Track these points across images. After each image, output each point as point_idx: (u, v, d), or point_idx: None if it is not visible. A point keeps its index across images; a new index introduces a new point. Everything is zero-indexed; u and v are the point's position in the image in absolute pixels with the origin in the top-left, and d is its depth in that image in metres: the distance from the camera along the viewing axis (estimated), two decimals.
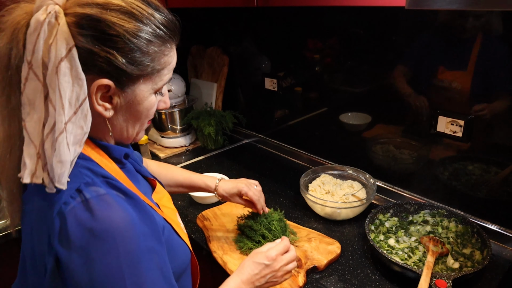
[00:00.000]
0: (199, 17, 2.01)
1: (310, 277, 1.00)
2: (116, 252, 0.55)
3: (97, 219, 0.54)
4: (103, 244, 0.54)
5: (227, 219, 1.24)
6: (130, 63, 0.58)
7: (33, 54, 0.54)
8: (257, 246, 1.06)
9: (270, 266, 0.81)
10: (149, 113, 0.68)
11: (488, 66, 1.01)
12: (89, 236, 0.54)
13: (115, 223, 0.55)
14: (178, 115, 1.83)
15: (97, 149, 0.65)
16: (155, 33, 0.61)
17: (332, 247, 1.08)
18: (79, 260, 0.54)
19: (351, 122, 1.43)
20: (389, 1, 0.88)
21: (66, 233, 0.54)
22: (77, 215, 0.54)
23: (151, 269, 0.59)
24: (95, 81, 0.57)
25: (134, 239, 0.57)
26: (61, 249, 0.54)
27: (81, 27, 0.55)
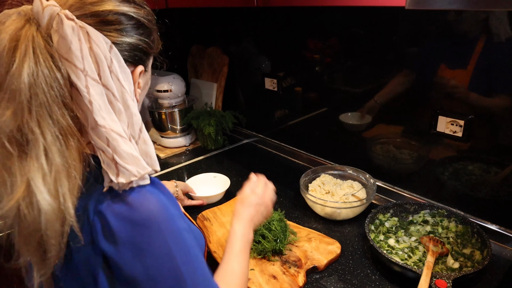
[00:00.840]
0: (199, 17, 2.01)
1: (310, 277, 1.00)
2: (161, 235, 0.56)
3: (135, 209, 0.55)
4: (147, 231, 0.55)
5: (227, 219, 1.24)
6: (150, 45, 0.64)
7: (84, 60, 0.53)
8: (256, 246, 1.06)
9: (262, 203, 0.92)
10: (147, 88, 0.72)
11: (489, 66, 1.01)
12: (132, 227, 0.55)
13: (152, 209, 0.56)
14: (178, 115, 1.83)
15: None
16: (151, 14, 0.66)
17: (332, 247, 1.08)
18: (128, 253, 0.55)
19: (351, 122, 1.43)
20: (389, 1, 0.88)
21: (110, 229, 0.54)
22: (115, 210, 0.55)
23: (194, 246, 0.62)
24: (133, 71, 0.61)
25: (171, 220, 0.58)
26: (107, 246, 0.55)
27: (109, 23, 0.57)
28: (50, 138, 0.52)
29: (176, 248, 0.58)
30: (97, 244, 0.55)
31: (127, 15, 0.58)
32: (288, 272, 0.99)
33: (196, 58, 2.11)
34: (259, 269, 1.01)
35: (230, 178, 1.55)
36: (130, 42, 0.59)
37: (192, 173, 1.62)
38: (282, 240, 1.06)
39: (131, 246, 0.55)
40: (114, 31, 0.57)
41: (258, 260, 1.04)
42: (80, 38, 0.53)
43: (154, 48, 0.66)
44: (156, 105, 1.87)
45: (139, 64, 0.63)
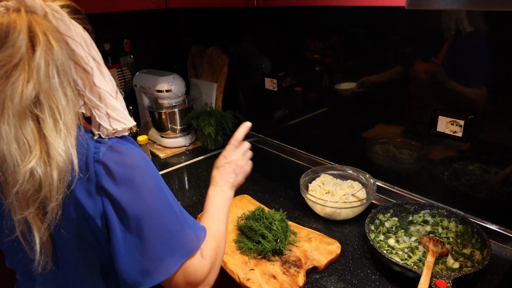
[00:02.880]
0: (199, 17, 2.01)
1: (310, 277, 1.00)
2: (150, 174, 0.68)
3: (126, 154, 0.66)
4: (139, 170, 0.67)
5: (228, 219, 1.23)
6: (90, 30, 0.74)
7: (85, 43, 0.67)
8: (257, 246, 1.06)
9: (231, 162, 0.95)
10: None
11: (491, 65, 1.01)
12: (127, 168, 0.65)
13: (138, 154, 0.68)
14: (178, 115, 1.83)
15: None
16: None
17: (332, 247, 1.08)
18: (128, 192, 0.65)
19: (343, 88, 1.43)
20: (389, 1, 0.88)
21: (111, 173, 0.64)
22: (111, 157, 0.65)
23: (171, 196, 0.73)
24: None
25: (152, 165, 0.71)
26: (111, 186, 0.64)
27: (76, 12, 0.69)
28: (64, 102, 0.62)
29: (163, 185, 0.71)
30: (103, 187, 0.64)
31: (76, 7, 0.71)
32: (288, 272, 0.99)
33: (196, 58, 2.11)
34: (259, 269, 1.01)
35: None
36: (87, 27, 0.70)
37: (192, 173, 1.62)
38: (283, 240, 1.06)
39: (130, 184, 0.65)
40: (80, 19, 0.69)
41: (258, 260, 1.04)
42: (70, 21, 0.65)
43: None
44: (156, 105, 1.87)
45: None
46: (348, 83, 1.39)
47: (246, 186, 1.47)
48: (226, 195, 0.92)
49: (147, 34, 2.12)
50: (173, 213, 0.70)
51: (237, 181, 0.96)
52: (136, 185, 0.65)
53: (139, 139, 1.64)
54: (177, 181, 1.57)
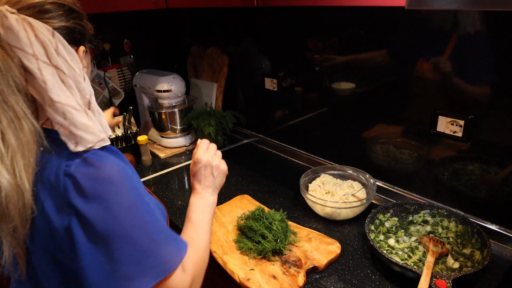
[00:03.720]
0: (199, 17, 2.01)
1: (310, 277, 1.00)
2: (125, 189, 0.64)
3: (100, 169, 0.62)
4: (112, 186, 0.62)
5: (227, 219, 1.24)
6: (86, 25, 0.70)
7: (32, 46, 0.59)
8: (256, 246, 1.06)
9: (206, 165, 0.91)
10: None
11: (491, 65, 1.01)
12: (99, 184, 0.61)
13: (114, 168, 0.64)
14: (178, 115, 1.83)
15: None
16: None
17: (332, 247, 1.08)
18: (98, 208, 0.61)
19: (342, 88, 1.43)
20: (389, 1, 0.88)
21: (80, 188, 0.61)
22: (82, 171, 0.62)
23: (151, 204, 0.69)
24: (78, 50, 0.69)
25: (131, 180, 0.66)
26: (79, 202, 0.61)
27: (46, 12, 0.63)
28: (6, 122, 0.58)
29: (140, 201, 0.66)
30: (70, 203, 0.61)
31: (58, 3, 0.65)
32: (288, 272, 0.99)
33: (196, 58, 2.11)
34: (259, 269, 1.01)
35: (230, 178, 1.55)
36: (67, 26, 0.65)
37: None
38: (283, 240, 1.06)
39: (101, 201, 0.61)
40: (52, 18, 0.63)
41: (258, 260, 1.04)
42: (25, 28, 0.59)
43: (88, 30, 0.72)
44: (156, 105, 1.87)
45: (80, 44, 0.69)
46: (348, 83, 1.40)
47: (246, 186, 1.47)
48: (208, 201, 0.89)
49: (147, 34, 2.12)
50: (148, 231, 0.65)
51: (217, 183, 0.93)
52: (107, 201, 0.62)
53: (139, 139, 1.65)
54: (177, 181, 1.57)
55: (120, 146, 1.71)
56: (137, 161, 1.69)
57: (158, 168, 1.68)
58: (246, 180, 1.53)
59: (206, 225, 0.85)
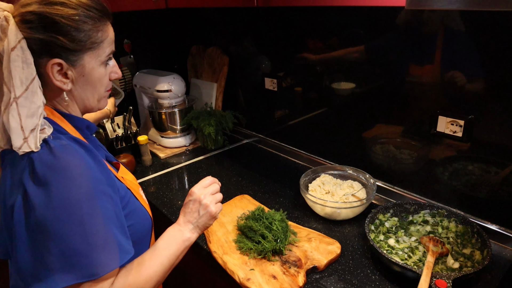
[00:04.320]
0: (199, 17, 2.01)
1: (310, 277, 1.00)
2: (73, 184, 0.66)
3: (58, 159, 0.67)
4: (62, 177, 0.66)
5: (227, 219, 1.24)
6: (71, 41, 0.72)
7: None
8: (256, 246, 1.06)
9: (195, 200, 0.89)
10: (102, 83, 0.81)
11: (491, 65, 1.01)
12: (51, 172, 0.66)
13: (73, 163, 0.68)
14: (178, 115, 1.83)
15: (63, 120, 0.78)
16: (86, 14, 0.74)
17: (332, 247, 1.08)
18: (43, 194, 0.65)
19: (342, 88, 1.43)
20: (389, 1, 0.88)
21: (33, 171, 0.66)
22: (42, 158, 0.67)
23: (107, 209, 0.71)
24: (49, 62, 0.71)
25: (90, 180, 0.69)
26: (29, 183, 0.66)
27: (27, 22, 0.68)
28: None
29: (85, 201, 0.67)
30: (22, 182, 0.66)
31: (42, 15, 0.69)
32: (288, 272, 0.99)
33: (196, 58, 2.11)
34: (259, 269, 1.01)
35: (230, 178, 1.55)
36: (41, 38, 0.69)
37: (192, 173, 1.62)
38: (283, 240, 1.06)
39: (47, 188, 0.65)
40: (28, 29, 0.68)
41: (258, 260, 1.04)
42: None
43: (77, 44, 0.73)
44: (156, 105, 1.87)
45: (55, 57, 0.72)
46: (348, 83, 1.40)
47: (246, 186, 1.47)
48: (183, 236, 0.85)
49: (147, 34, 2.12)
50: (83, 231, 0.66)
51: (201, 223, 0.88)
52: (52, 190, 0.65)
53: (139, 139, 1.65)
54: (177, 181, 1.57)
55: (120, 146, 1.71)
56: (137, 161, 1.69)
57: (158, 168, 1.68)
58: (246, 180, 1.53)
59: (166, 258, 0.80)
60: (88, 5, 0.74)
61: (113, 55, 0.82)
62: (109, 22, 0.80)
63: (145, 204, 0.90)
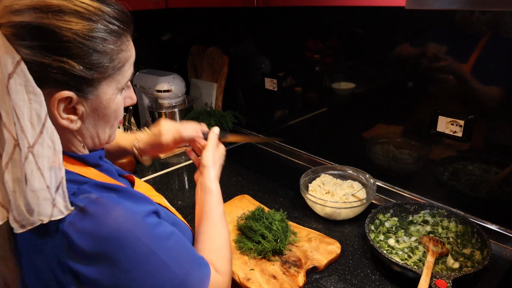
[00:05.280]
0: (199, 17, 2.01)
1: (310, 277, 1.00)
2: (136, 240, 0.55)
3: (100, 224, 0.53)
4: (118, 241, 0.53)
5: (227, 219, 1.21)
6: (89, 68, 0.53)
7: None
8: (256, 246, 1.06)
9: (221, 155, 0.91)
10: (118, 114, 0.65)
11: (491, 65, 1.01)
12: (100, 242, 0.52)
13: (119, 220, 0.54)
14: (178, 115, 1.83)
15: (75, 162, 0.62)
16: (108, 29, 0.55)
17: (332, 247, 1.08)
18: (102, 267, 0.53)
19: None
20: (389, 1, 0.88)
21: (75, 248, 0.52)
22: (78, 227, 0.52)
23: (171, 233, 0.62)
24: (54, 95, 0.52)
25: (141, 223, 0.57)
26: (75, 264, 0.52)
27: (22, 39, 0.48)
28: None
29: (158, 245, 0.57)
30: (64, 263, 0.53)
31: (47, 29, 0.49)
32: (288, 272, 0.99)
33: (196, 58, 2.11)
34: (259, 269, 1.01)
35: (230, 178, 1.55)
36: (43, 62, 0.49)
37: (192, 173, 1.62)
38: (283, 240, 1.06)
39: (103, 259, 0.53)
40: (25, 48, 0.48)
41: (258, 260, 1.04)
42: None
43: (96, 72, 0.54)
44: (156, 105, 1.87)
45: (63, 88, 0.52)
46: (348, 83, 1.39)
47: (246, 186, 1.47)
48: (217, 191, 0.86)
49: (147, 34, 2.12)
50: (168, 272, 0.58)
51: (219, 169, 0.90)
52: (111, 258, 0.53)
53: None
54: (177, 181, 1.57)
55: None
56: (137, 161, 1.69)
57: (158, 168, 1.68)
58: (246, 180, 1.52)
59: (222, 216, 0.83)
60: (110, 15, 0.56)
61: None
62: (130, 36, 0.63)
63: (178, 215, 0.81)
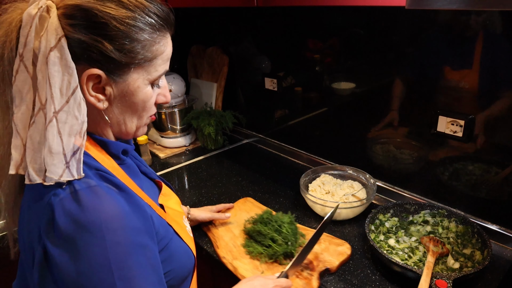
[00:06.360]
0: (199, 17, 2.01)
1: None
2: (103, 244, 0.54)
3: (84, 210, 0.54)
4: (89, 235, 0.53)
5: (233, 223, 1.21)
6: (119, 50, 0.58)
7: (25, 47, 0.55)
8: (267, 250, 1.04)
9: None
10: (147, 106, 0.67)
11: (491, 65, 1.01)
12: (76, 227, 0.53)
13: (103, 214, 0.55)
14: (178, 115, 1.83)
15: (95, 144, 0.65)
16: (144, 20, 0.60)
17: (342, 248, 1.07)
18: (65, 252, 0.54)
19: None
20: (389, 1, 0.88)
21: (54, 224, 0.54)
22: (65, 206, 0.54)
23: (142, 265, 0.58)
24: (85, 71, 0.57)
25: (124, 232, 0.56)
26: (48, 240, 0.54)
27: (70, 17, 0.55)
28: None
29: (116, 263, 0.55)
30: (41, 235, 0.55)
31: (90, 11, 0.56)
32: (301, 275, 0.98)
33: (196, 58, 2.10)
34: (271, 273, 0.99)
35: (230, 178, 1.55)
36: (82, 39, 0.56)
37: (192, 173, 1.62)
38: (293, 243, 1.05)
39: (70, 246, 0.53)
40: (69, 26, 0.55)
41: (270, 264, 1.03)
42: (32, 25, 0.54)
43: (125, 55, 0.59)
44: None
45: (94, 66, 0.58)
46: (348, 83, 1.39)
47: (246, 186, 1.47)
48: None
49: None
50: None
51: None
52: (77, 250, 0.53)
53: (139, 139, 1.64)
54: (177, 181, 1.57)
55: None
56: None
57: (158, 168, 1.68)
58: (246, 180, 1.52)
59: None
60: (149, 9, 0.60)
61: None
62: (169, 35, 0.66)
63: (188, 239, 0.77)
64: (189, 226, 0.82)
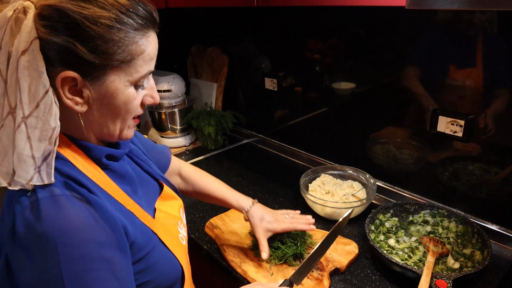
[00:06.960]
0: (199, 17, 2.01)
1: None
2: (55, 257, 0.52)
3: (41, 220, 0.52)
4: (43, 247, 0.52)
5: (238, 225, 1.20)
6: (92, 51, 0.55)
7: (0, 50, 0.53)
8: (276, 252, 1.03)
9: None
10: (130, 108, 0.63)
11: (491, 65, 1.01)
12: (32, 237, 0.52)
13: (60, 226, 0.53)
14: (178, 115, 1.83)
15: (76, 149, 0.63)
16: (120, 20, 0.56)
17: (349, 247, 1.07)
18: (21, 261, 0.53)
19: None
20: (389, 1, 0.88)
21: (14, 233, 0.53)
22: (25, 215, 0.53)
23: (103, 279, 0.56)
24: (59, 74, 0.55)
25: (82, 246, 0.54)
26: (9, 248, 0.54)
27: (44, 18, 0.53)
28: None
29: (69, 276, 0.53)
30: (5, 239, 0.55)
31: (62, 11, 0.53)
32: (311, 276, 0.97)
33: (196, 58, 2.10)
34: (281, 274, 0.99)
35: (230, 178, 1.55)
36: (55, 41, 0.53)
37: None
38: (302, 244, 1.04)
39: (25, 255, 0.53)
40: (43, 27, 0.53)
41: (279, 266, 1.02)
42: (6, 28, 0.53)
43: (99, 57, 0.56)
44: (156, 105, 1.87)
45: (69, 68, 0.55)
46: (348, 83, 1.39)
47: (246, 186, 1.47)
48: None
49: None
50: None
51: None
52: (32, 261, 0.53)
53: None
54: None
55: None
56: None
57: None
58: (246, 180, 1.52)
59: None
60: (126, 8, 0.57)
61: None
62: (152, 33, 0.64)
63: (176, 247, 0.73)
64: (184, 232, 0.80)
